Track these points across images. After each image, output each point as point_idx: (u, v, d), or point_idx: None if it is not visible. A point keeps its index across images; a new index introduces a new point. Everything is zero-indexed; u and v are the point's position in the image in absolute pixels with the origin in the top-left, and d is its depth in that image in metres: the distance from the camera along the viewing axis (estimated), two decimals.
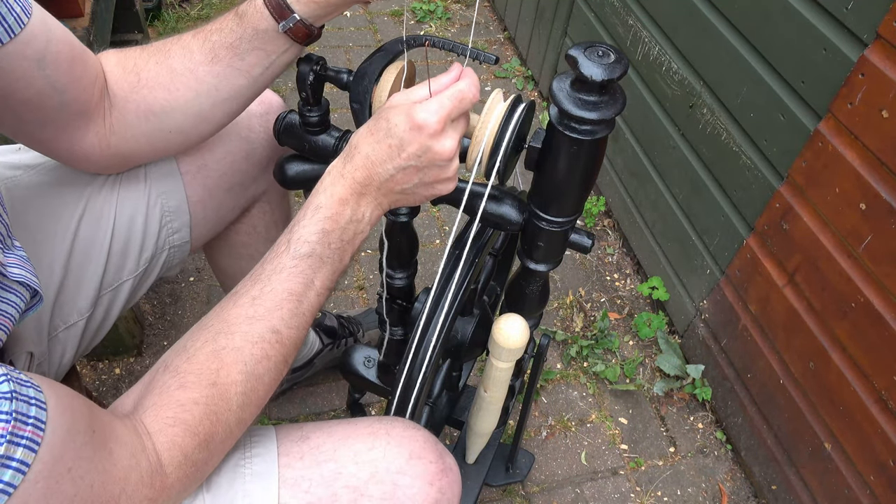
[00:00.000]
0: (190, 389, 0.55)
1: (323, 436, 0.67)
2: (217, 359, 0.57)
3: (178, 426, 0.54)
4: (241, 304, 0.60)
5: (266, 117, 0.91)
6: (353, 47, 2.33)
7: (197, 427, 0.55)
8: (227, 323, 0.59)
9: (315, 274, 0.62)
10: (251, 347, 0.58)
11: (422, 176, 0.62)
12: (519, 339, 0.82)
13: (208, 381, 0.56)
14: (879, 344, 1.01)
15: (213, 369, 0.57)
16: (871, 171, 0.98)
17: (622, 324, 1.63)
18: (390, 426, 0.69)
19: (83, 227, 0.78)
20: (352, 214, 0.62)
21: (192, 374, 0.56)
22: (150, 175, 0.84)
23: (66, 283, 0.77)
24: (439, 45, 0.65)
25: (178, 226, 0.87)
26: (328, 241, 0.62)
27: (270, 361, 0.60)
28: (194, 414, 0.55)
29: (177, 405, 0.54)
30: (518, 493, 1.32)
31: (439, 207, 1.84)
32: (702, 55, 1.33)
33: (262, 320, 0.59)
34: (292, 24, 0.66)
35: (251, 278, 0.61)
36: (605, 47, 0.59)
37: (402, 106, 0.60)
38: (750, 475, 1.38)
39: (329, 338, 1.35)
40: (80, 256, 0.78)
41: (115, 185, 0.81)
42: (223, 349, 0.57)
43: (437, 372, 1.02)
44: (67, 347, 0.80)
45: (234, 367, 0.58)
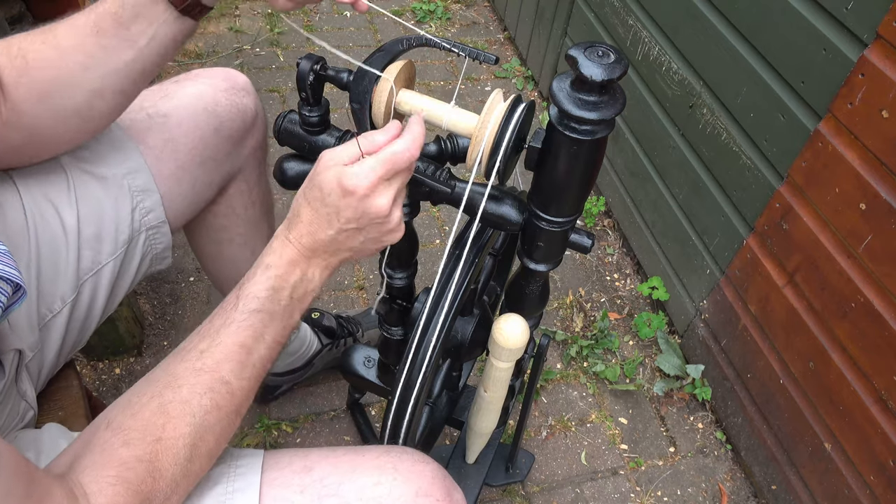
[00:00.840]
0: (134, 446, 0.54)
1: (328, 466, 0.67)
2: (163, 413, 0.56)
3: (120, 485, 0.52)
4: (188, 358, 0.59)
5: (231, 92, 0.92)
6: (353, 47, 2.33)
7: (139, 486, 0.54)
8: (173, 376, 0.58)
9: (265, 328, 0.62)
10: (199, 399, 0.58)
11: (365, 234, 0.63)
12: (519, 339, 0.82)
13: (154, 437, 0.55)
14: (879, 344, 1.01)
15: (158, 424, 0.56)
16: (871, 171, 0.98)
17: (622, 324, 1.63)
18: (398, 460, 0.68)
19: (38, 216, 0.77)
20: (301, 275, 0.64)
21: (136, 430, 0.55)
22: (114, 157, 0.83)
23: (43, 271, 0.77)
24: (439, 45, 0.65)
25: (150, 205, 0.86)
26: (278, 297, 0.63)
27: (221, 412, 0.59)
28: (137, 472, 0.54)
29: (119, 463, 0.53)
30: (518, 493, 1.32)
31: (439, 207, 1.84)
32: (702, 55, 1.33)
33: (211, 372, 0.59)
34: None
35: (198, 334, 0.61)
36: (605, 47, 0.59)
37: (333, 170, 0.60)
38: (750, 475, 1.38)
39: (328, 338, 1.35)
40: (46, 246, 0.77)
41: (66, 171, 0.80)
42: (170, 403, 0.57)
43: (437, 372, 1.02)
44: (56, 337, 0.80)
45: (182, 420, 0.57)
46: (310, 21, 2.43)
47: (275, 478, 0.66)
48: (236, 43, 2.28)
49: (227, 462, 0.67)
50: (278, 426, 1.35)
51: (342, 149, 0.62)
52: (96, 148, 0.83)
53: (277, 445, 1.33)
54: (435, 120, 0.67)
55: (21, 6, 1.43)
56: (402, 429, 0.79)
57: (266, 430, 1.34)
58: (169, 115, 0.88)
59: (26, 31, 0.70)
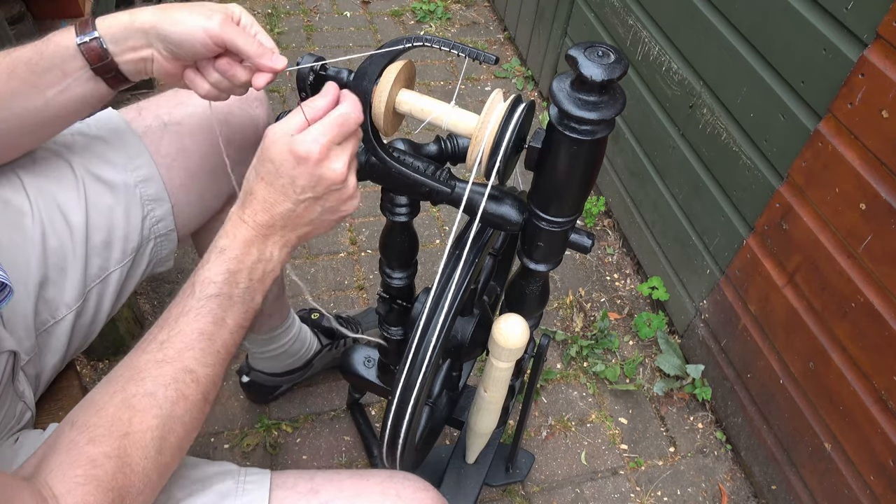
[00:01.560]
0: (100, 443, 0.53)
1: (334, 490, 0.67)
2: (128, 407, 0.55)
3: (90, 484, 0.52)
4: (148, 350, 0.58)
5: (245, 102, 0.92)
6: (353, 47, 2.33)
7: (111, 482, 0.53)
8: (135, 370, 0.57)
9: (225, 313, 0.61)
10: (164, 390, 0.57)
11: (323, 203, 0.63)
12: (519, 339, 0.82)
13: (120, 433, 0.54)
14: (879, 344, 1.01)
15: (124, 419, 0.55)
16: (871, 171, 0.98)
17: (622, 324, 1.63)
18: (401, 486, 0.69)
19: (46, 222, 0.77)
20: (259, 255, 0.63)
21: (101, 427, 0.54)
22: (127, 164, 0.83)
23: (49, 277, 0.77)
24: (439, 45, 0.65)
25: (161, 214, 0.86)
26: (235, 280, 0.62)
27: (188, 401, 0.59)
28: (107, 469, 0.53)
29: (87, 461, 0.52)
30: (518, 493, 1.32)
31: (439, 207, 1.84)
32: (702, 55, 1.33)
33: (173, 362, 0.58)
34: (88, 39, 0.66)
35: (157, 325, 0.60)
36: (605, 47, 0.59)
37: (282, 140, 0.60)
38: (750, 475, 1.38)
39: (327, 338, 1.35)
40: (54, 254, 0.77)
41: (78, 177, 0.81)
42: (134, 396, 0.56)
43: (437, 372, 1.02)
44: (59, 343, 0.80)
45: (149, 413, 0.56)
46: (310, 21, 2.43)
47: (282, 498, 0.67)
48: None
49: (234, 478, 0.68)
50: (278, 426, 1.35)
51: (285, 120, 0.61)
52: (111, 155, 0.83)
53: (277, 445, 1.33)
54: (435, 120, 0.67)
55: (21, 6, 1.43)
56: (402, 429, 0.79)
57: (266, 430, 1.34)
58: (183, 123, 0.88)
59: (26, 30, 0.70)
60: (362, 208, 1.80)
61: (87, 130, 0.85)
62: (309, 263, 1.66)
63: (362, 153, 0.76)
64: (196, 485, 0.67)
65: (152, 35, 0.66)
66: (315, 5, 2.51)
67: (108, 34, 0.66)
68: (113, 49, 0.67)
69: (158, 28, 0.66)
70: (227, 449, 1.32)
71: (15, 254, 0.74)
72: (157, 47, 0.67)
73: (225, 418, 1.36)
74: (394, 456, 0.84)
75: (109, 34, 0.66)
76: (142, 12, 0.67)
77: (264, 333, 1.21)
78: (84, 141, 0.83)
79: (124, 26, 0.66)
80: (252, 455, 1.31)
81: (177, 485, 0.66)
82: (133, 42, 0.67)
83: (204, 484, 0.67)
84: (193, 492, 0.66)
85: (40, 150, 0.80)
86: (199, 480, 0.67)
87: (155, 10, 0.66)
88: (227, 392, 1.40)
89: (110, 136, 0.84)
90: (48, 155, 0.80)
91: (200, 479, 0.68)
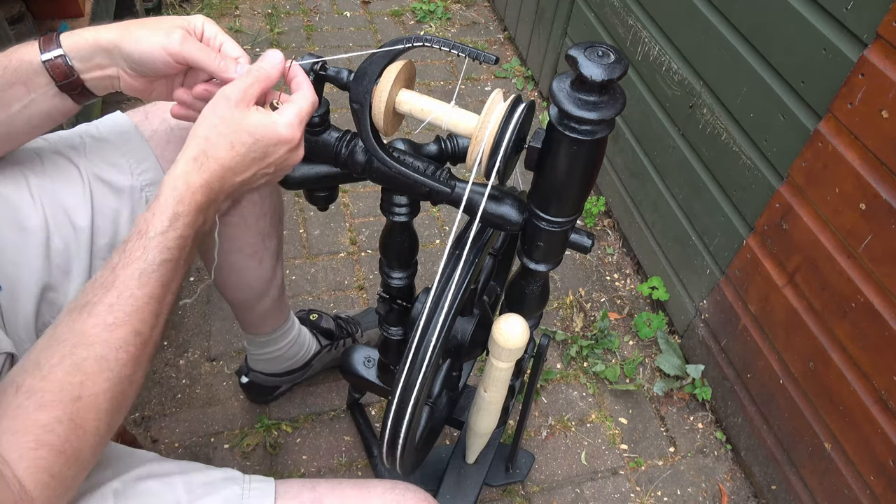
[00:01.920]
0: (50, 408, 0.54)
1: (336, 500, 0.68)
2: (79, 371, 0.56)
3: (42, 448, 0.52)
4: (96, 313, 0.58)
5: None
6: (353, 47, 2.33)
7: (63, 445, 0.53)
8: (84, 335, 0.57)
9: (172, 278, 0.62)
10: (115, 353, 0.58)
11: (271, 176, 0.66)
12: (519, 339, 0.82)
13: (71, 397, 0.55)
14: (879, 344, 1.01)
15: (75, 383, 0.55)
16: (871, 171, 0.98)
17: (622, 324, 1.63)
18: (402, 497, 0.69)
19: (51, 224, 0.78)
20: (204, 220, 0.64)
21: (49, 392, 0.54)
22: (133, 168, 0.84)
23: (52, 279, 0.77)
24: (439, 45, 0.65)
25: None
26: (185, 245, 0.62)
27: (137, 363, 0.60)
28: (59, 433, 0.53)
29: (37, 427, 0.53)
30: (518, 493, 1.32)
31: (439, 207, 1.84)
32: (702, 55, 1.33)
33: (124, 325, 0.58)
34: (53, 56, 0.65)
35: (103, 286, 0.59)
36: (605, 47, 0.59)
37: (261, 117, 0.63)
38: (750, 475, 1.38)
39: (326, 339, 1.35)
40: (59, 255, 0.78)
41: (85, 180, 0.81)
42: (84, 360, 0.56)
43: (437, 372, 1.02)
44: None
45: (101, 376, 0.56)
46: (310, 21, 2.43)
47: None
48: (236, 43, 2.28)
49: (239, 485, 0.68)
50: (278, 426, 1.35)
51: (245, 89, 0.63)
52: (117, 159, 0.83)
53: (277, 445, 1.33)
54: (435, 120, 0.67)
55: (21, 6, 1.43)
56: (402, 429, 0.79)
57: (266, 430, 1.34)
58: (188, 128, 0.88)
59: (26, 30, 0.70)
60: (362, 208, 1.80)
61: (95, 133, 0.85)
62: (309, 263, 1.66)
63: (362, 153, 0.76)
64: (201, 489, 0.67)
65: (115, 54, 0.66)
66: (315, 5, 2.51)
67: (73, 52, 0.66)
68: (79, 66, 0.67)
69: (120, 47, 0.66)
70: (227, 449, 1.32)
71: (18, 255, 0.74)
72: (122, 65, 0.67)
73: (225, 418, 1.36)
74: (394, 456, 0.84)
75: (75, 51, 0.66)
76: (106, 30, 0.66)
77: (263, 335, 1.21)
78: (92, 143, 0.83)
79: (89, 45, 0.66)
80: (252, 455, 1.31)
81: (182, 489, 0.66)
82: (98, 60, 0.67)
83: (209, 489, 0.67)
84: (199, 496, 0.66)
85: (47, 152, 0.80)
86: (204, 485, 0.68)
87: (118, 27, 0.66)
88: (227, 392, 1.40)
89: (118, 140, 0.84)
90: (55, 157, 0.80)
91: (205, 483, 0.68)
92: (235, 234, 1.02)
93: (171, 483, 0.66)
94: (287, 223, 1.74)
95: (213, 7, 2.41)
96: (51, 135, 0.83)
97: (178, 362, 1.44)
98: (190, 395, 1.39)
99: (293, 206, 1.79)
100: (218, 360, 1.45)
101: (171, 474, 0.67)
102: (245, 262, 1.06)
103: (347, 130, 0.77)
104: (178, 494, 0.66)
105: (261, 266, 1.07)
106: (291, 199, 1.80)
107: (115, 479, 0.65)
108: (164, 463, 0.70)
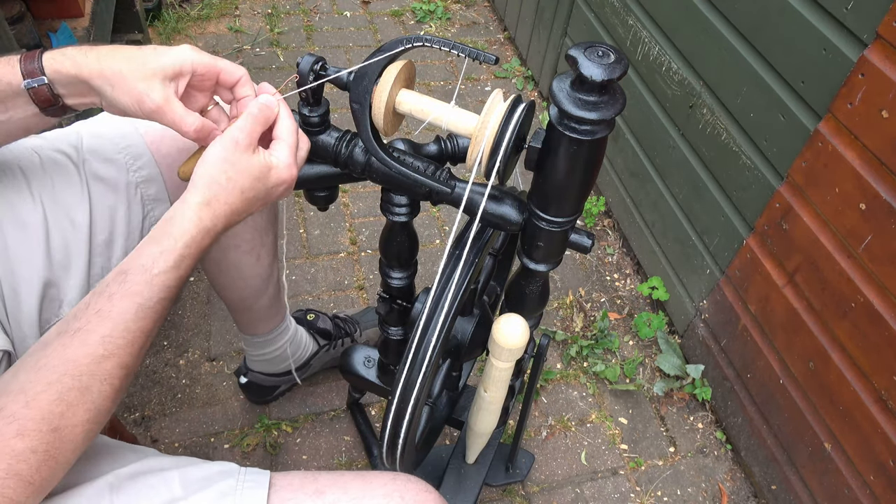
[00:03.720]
0: (29, 438, 0.53)
1: (339, 492, 0.68)
2: (62, 402, 0.55)
3: (11, 478, 0.52)
4: (89, 342, 0.57)
5: None
6: (353, 47, 2.33)
7: (33, 476, 0.53)
8: (74, 364, 0.56)
9: (165, 311, 0.62)
10: (100, 385, 0.57)
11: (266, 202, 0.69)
12: (519, 339, 0.82)
13: (50, 427, 0.54)
14: (879, 344, 1.01)
15: (56, 413, 0.55)
16: (871, 171, 0.98)
17: (622, 324, 1.63)
18: (404, 488, 0.69)
19: (51, 221, 0.78)
20: (200, 256, 0.65)
21: (31, 420, 0.54)
22: (129, 165, 0.84)
23: (53, 275, 0.78)
24: (439, 46, 0.65)
25: (161, 214, 0.87)
26: (182, 279, 0.63)
27: (117, 393, 0.59)
28: (31, 463, 0.53)
29: (11, 456, 0.52)
30: (518, 493, 1.32)
31: (439, 207, 1.84)
32: (702, 55, 1.33)
33: (112, 358, 0.58)
34: (37, 85, 0.63)
35: (98, 315, 0.58)
36: (605, 47, 0.59)
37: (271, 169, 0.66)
38: (750, 475, 1.38)
39: (324, 339, 1.35)
40: (59, 252, 0.78)
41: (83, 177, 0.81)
42: (70, 391, 0.55)
43: (437, 372, 1.02)
44: None
45: (81, 408, 0.56)
46: (310, 21, 2.43)
47: (287, 498, 0.67)
48: (236, 43, 2.28)
49: (234, 477, 0.68)
50: (278, 426, 1.35)
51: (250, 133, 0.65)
52: (114, 155, 0.84)
53: (277, 445, 1.33)
54: (435, 120, 0.67)
55: (21, 6, 1.43)
56: (402, 429, 0.79)
57: (266, 430, 1.34)
58: None
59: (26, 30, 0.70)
60: (362, 208, 1.80)
61: (92, 130, 0.85)
62: (309, 263, 1.66)
63: (362, 153, 0.76)
64: (196, 483, 0.67)
65: (96, 89, 0.64)
66: (315, 5, 2.51)
67: (56, 78, 0.64)
68: (62, 92, 0.65)
69: (100, 86, 0.63)
70: (227, 449, 1.32)
71: (20, 252, 0.75)
72: (102, 101, 0.66)
73: (225, 418, 1.36)
74: (394, 456, 0.84)
75: (58, 79, 0.64)
76: (87, 61, 0.63)
77: (260, 336, 1.21)
78: (89, 140, 0.83)
79: (70, 75, 0.63)
80: (252, 455, 1.31)
81: (178, 483, 0.66)
82: (81, 89, 0.65)
83: (204, 483, 0.67)
84: (195, 490, 0.66)
85: (46, 150, 0.80)
86: (200, 479, 0.68)
87: (101, 59, 0.63)
88: (227, 392, 1.40)
89: (114, 136, 0.85)
90: (54, 155, 0.80)
91: (201, 478, 0.68)
92: (234, 231, 1.02)
93: (167, 478, 0.66)
94: (287, 223, 1.74)
95: (213, 7, 2.41)
96: (48, 133, 0.83)
97: (178, 362, 1.44)
98: (190, 394, 1.39)
99: (293, 206, 1.79)
100: (218, 360, 1.45)
101: (168, 469, 0.67)
102: (242, 258, 1.06)
103: (347, 130, 0.77)
104: (173, 489, 0.66)
105: (258, 263, 1.07)
106: (291, 199, 1.80)
107: (110, 474, 0.65)
108: (160, 458, 0.70)
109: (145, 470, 0.67)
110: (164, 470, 0.67)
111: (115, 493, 0.64)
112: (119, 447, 0.71)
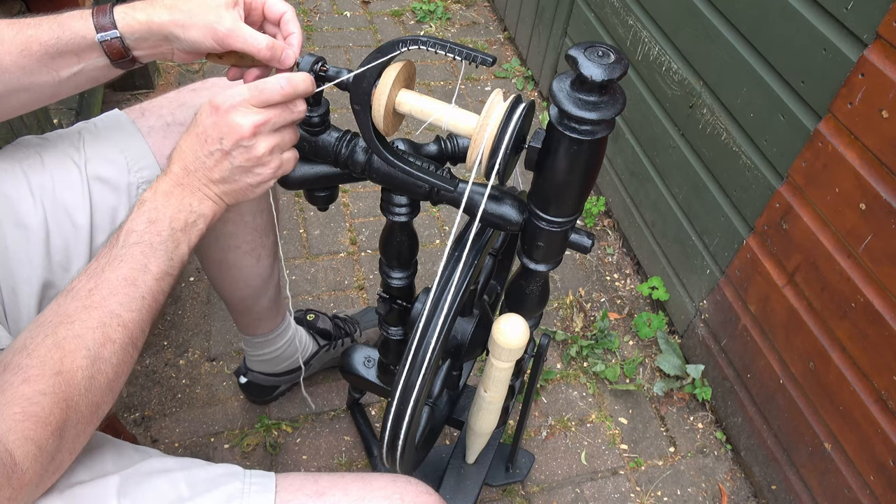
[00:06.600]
0: (35, 382, 0.56)
1: (339, 493, 0.68)
2: (59, 348, 0.58)
3: (28, 420, 0.54)
4: (77, 297, 0.61)
5: None
6: (353, 47, 2.33)
7: (48, 417, 0.55)
8: (64, 315, 0.60)
9: (148, 259, 0.64)
10: (92, 333, 0.60)
11: (232, 160, 0.65)
12: (519, 339, 0.82)
13: (52, 371, 0.57)
14: (879, 344, 1.01)
15: (55, 359, 0.57)
16: (870, 171, 0.98)
17: (622, 324, 1.63)
18: (404, 491, 0.70)
19: (51, 222, 0.78)
20: (178, 204, 0.65)
21: (34, 367, 0.57)
22: (131, 165, 0.85)
23: (53, 276, 0.78)
24: (435, 48, 0.65)
25: None
26: (157, 229, 0.64)
27: (115, 345, 0.61)
28: (43, 405, 0.55)
29: (23, 399, 0.55)
30: (518, 493, 1.32)
31: (439, 207, 1.84)
32: (702, 55, 1.33)
33: (100, 307, 0.61)
34: (110, 38, 0.68)
35: (85, 274, 0.62)
36: (605, 47, 0.59)
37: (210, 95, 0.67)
38: (750, 475, 1.38)
39: (324, 339, 1.35)
40: (59, 253, 0.79)
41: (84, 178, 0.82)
42: (64, 339, 0.58)
43: (437, 372, 1.02)
44: None
45: (78, 353, 0.59)
46: (310, 21, 2.43)
47: (288, 500, 0.67)
48: None
49: (240, 480, 0.68)
50: (278, 426, 1.35)
51: None
52: (115, 156, 0.84)
53: (277, 445, 1.33)
54: (435, 120, 0.67)
55: (21, 6, 1.43)
56: (402, 429, 0.79)
57: (266, 429, 1.34)
58: (185, 125, 0.89)
59: None
60: (362, 208, 1.80)
61: (93, 130, 0.85)
62: (309, 263, 1.67)
63: (363, 153, 0.76)
64: (202, 485, 0.67)
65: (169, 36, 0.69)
66: (315, 5, 2.51)
67: (128, 33, 0.69)
68: (133, 46, 0.70)
69: (172, 32, 0.68)
70: (227, 449, 1.32)
71: (20, 253, 0.75)
72: (175, 45, 0.70)
73: (225, 418, 1.36)
74: (394, 456, 0.84)
75: (129, 33, 0.69)
76: (157, 12, 0.69)
77: (260, 336, 1.21)
78: (90, 141, 0.84)
79: (142, 27, 0.69)
80: (252, 455, 1.31)
81: (184, 484, 0.66)
82: (153, 41, 0.70)
83: (210, 485, 0.67)
84: (201, 492, 0.66)
85: (48, 151, 0.80)
86: (205, 481, 0.68)
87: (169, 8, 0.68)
88: (227, 392, 1.40)
89: (116, 136, 0.85)
90: (56, 155, 0.80)
91: (206, 479, 0.68)
92: (233, 232, 1.02)
93: (174, 479, 0.67)
94: (287, 223, 1.74)
95: None
96: (50, 133, 0.84)
97: (178, 362, 1.44)
98: (190, 395, 1.39)
99: (293, 206, 1.79)
100: (218, 360, 1.45)
101: (173, 470, 0.68)
102: (243, 259, 1.06)
103: (347, 130, 0.77)
104: (180, 490, 0.66)
105: (259, 263, 1.07)
106: (291, 199, 1.80)
107: (116, 474, 0.65)
108: (165, 459, 0.70)
109: (151, 470, 0.67)
110: (170, 471, 0.68)
111: (122, 494, 0.64)
112: (123, 446, 0.71)
